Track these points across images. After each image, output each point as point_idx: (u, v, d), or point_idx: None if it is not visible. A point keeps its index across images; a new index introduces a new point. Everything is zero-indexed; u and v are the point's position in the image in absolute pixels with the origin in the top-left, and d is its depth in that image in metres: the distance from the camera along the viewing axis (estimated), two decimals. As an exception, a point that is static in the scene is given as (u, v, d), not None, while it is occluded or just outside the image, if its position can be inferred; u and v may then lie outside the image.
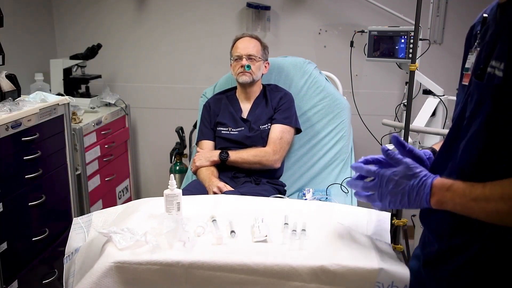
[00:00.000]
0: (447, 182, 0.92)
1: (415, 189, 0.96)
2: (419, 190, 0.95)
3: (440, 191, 0.92)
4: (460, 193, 0.88)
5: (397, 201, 1.00)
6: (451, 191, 0.90)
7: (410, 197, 0.97)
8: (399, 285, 1.06)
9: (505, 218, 0.83)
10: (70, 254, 1.30)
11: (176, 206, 1.33)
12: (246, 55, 2.15)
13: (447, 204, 0.91)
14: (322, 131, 2.35)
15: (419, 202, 0.96)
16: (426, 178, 0.96)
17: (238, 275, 1.10)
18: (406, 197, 0.97)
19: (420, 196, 0.95)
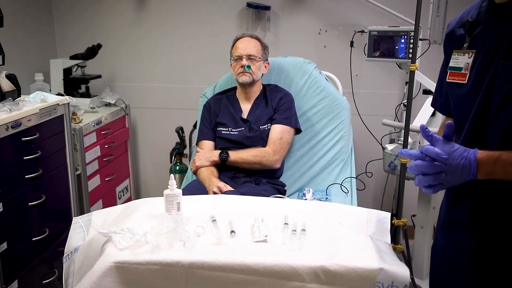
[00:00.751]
0: (492, 154, 0.98)
1: (459, 167, 0.99)
2: (464, 165, 0.98)
3: (487, 163, 0.97)
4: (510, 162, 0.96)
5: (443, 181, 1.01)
6: (500, 161, 0.96)
7: (454, 176, 1.00)
8: (399, 285, 1.06)
9: None
10: (70, 253, 1.30)
11: (176, 206, 1.33)
12: (246, 55, 2.15)
13: (497, 174, 0.98)
14: (322, 131, 2.35)
15: (465, 176, 0.99)
16: (468, 154, 0.99)
17: (238, 275, 1.10)
18: (450, 175, 1.00)
19: (466, 171, 0.98)
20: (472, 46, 1.11)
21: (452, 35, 1.19)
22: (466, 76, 1.10)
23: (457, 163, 0.99)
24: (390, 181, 2.95)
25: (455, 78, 1.13)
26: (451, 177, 1.00)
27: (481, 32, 1.09)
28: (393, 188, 2.93)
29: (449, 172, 1.00)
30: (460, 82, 1.12)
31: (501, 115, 1.02)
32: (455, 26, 1.19)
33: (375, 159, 2.57)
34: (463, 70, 1.11)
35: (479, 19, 1.11)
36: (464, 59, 1.11)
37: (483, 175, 0.98)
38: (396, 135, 2.70)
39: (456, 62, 1.13)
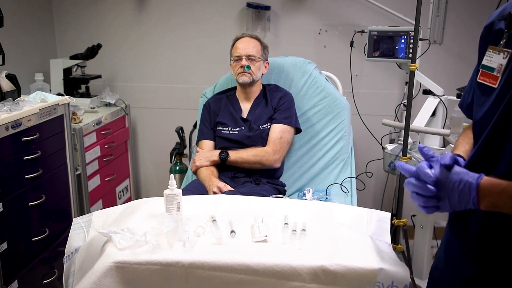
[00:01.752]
0: (498, 183, 0.85)
1: (456, 191, 0.88)
2: (461, 192, 0.88)
3: (491, 193, 0.85)
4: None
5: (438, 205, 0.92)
6: (506, 193, 0.84)
7: (451, 200, 0.89)
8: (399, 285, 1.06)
9: None
10: (70, 254, 1.30)
11: (176, 206, 1.33)
12: (246, 55, 2.15)
13: (502, 208, 0.85)
14: (322, 131, 2.35)
15: (464, 205, 0.88)
16: (468, 178, 0.88)
17: (238, 275, 1.10)
18: (447, 199, 0.90)
19: (464, 199, 0.88)
20: (509, 45, 0.96)
21: (491, 28, 1.03)
22: (497, 79, 0.96)
23: (454, 187, 0.88)
24: (390, 181, 2.96)
25: (485, 79, 0.99)
26: (448, 202, 0.90)
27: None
28: (393, 188, 2.94)
29: (444, 197, 0.90)
30: (490, 86, 0.98)
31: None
32: (495, 17, 1.03)
33: (375, 159, 2.57)
34: (495, 71, 0.97)
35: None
36: (498, 58, 0.97)
37: (486, 205, 0.86)
38: (396, 135, 2.71)
39: (489, 61, 0.99)
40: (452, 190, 0.89)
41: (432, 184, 0.91)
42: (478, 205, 0.87)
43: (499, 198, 0.85)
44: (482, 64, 1.01)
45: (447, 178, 0.89)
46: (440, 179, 0.91)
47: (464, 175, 0.89)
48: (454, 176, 0.89)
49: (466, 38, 2.79)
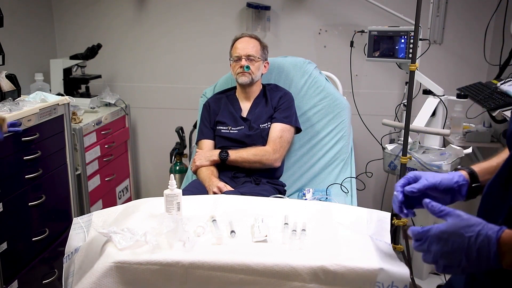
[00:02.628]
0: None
1: (474, 247, 0.77)
2: (480, 247, 0.77)
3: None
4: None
5: (454, 264, 0.80)
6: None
7: (470, 257, 0.78)
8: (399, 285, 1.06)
9: None
10: (70, 254, 1.30)
11: (176, 206, 1.33)
12: (245, 55, 2.15)
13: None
14: (322, 131, 2.35)
15: (484, 263, 0.77)
16: (487, 230, 0.77)
17: (238, 275, 1.10)
18: (464, 257, 0.78)
19: (484, 256, 0.76)
20: None
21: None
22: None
23: (471, 242, 0.77)
24: (390, 181, 2.95)
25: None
26: (464, 256, 0.78)
27: None
28: (393, 188, 2.93)
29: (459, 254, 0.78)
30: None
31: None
32: None
33: (375, 159, 2.57)
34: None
35: None
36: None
37: (509, 264, 0.75)
38: (396, 135, 2.71)
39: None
40: (468, 247, 0.77)
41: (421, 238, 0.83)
42: (499, 263, 0.76)
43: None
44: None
45: (460, 233, 0.79)
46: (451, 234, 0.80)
47: (482, 228, 0.78)
48: (471, 228, 0.78)
49: (466, 38, 2.79)
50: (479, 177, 1.05)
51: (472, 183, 1.03)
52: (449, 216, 0.82)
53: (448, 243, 0.80)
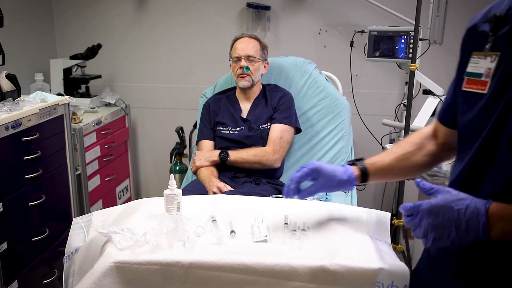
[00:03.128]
0: (509, 208, 0.79)
1: (463, 218, 0.81)
2: (470, 219, 0.81)
3: (503, 219, 0.79)
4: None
5: (443, 237, 0.84)
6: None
7: (459, 228, 0.82)
8: (399, 285, 1.06)
9: None
10: (70, 254, 1.30)
11: (176, 206, 1.33)
12: (245, 56, 2.14)
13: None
14: (322, 131, 2.34)
15: (473, 234, 0.81)
16: (476, 203, 0.82)
17: (238, 275, 1.10)
18: (454, 228, 0.82)
19: (473, 226, 0.81)
20: (496, 48, 0.89)
21: (474, 31, 0.96)
22: (486, 84, 0.88)
23: (461, 215, 0.81)
24: (390, 181, 2.96)
25: (473, 86, 0.92)
26: (454, 228, 0.82)
27: (509, 32, 0.87)
28: (393, 188, 2.93)
29: (449, 225, 0.83)
30: (479, 92, 0.90)
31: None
32: (479, 20, 0.96)
33: (375, 159, 2.56)
34: (483, 77, 0.89)
35: (509, 15, 0.88)
36: (485, 63, 0.89)
37: (498, 234, 0.79)
38: (396, 135, 2.71)
39: (475, 67, 0.92)
40: (458, 218, 0.82)
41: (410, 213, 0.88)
42: (488, 234, 0.80)
43: (510, 224, 0.79)
44: (467, 72, 0.94)
45: (450, 206, 0.83)
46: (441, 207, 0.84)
47: (470, 202, 0.82)
48: (460, 202, 0.83)
49: (466, 38, 2.79)
50: (370, 176, 1.19)
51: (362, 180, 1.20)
52: (439, 192, 0.87)
53: (438, 216, 0.84)
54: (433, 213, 0.85)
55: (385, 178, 1.29)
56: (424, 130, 1.19)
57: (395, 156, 1.18)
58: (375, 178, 1.21)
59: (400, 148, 1.19)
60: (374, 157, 1.22)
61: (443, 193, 0.86)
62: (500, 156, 0.84)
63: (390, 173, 1.21)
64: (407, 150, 1.16)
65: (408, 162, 1.17)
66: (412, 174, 1.24)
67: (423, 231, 0.87)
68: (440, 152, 1.15)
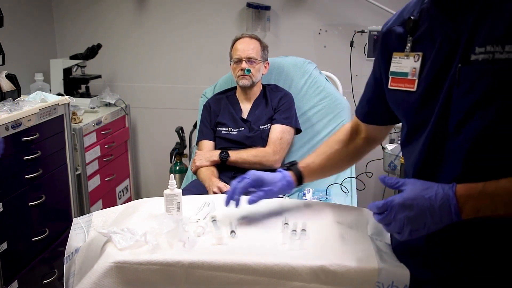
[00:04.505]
0: (475, 186, 0.83)
1: (435, 205, 0.85)
2: (442, 204, 0.84)
3: (470, 198, 0.83)
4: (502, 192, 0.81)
5: (420, 227, 0.87)
6: (486, 194, 0.82)
7: (434, 215, 0.85)
8: (399, 285, 1.06)
9: None
10: (70, 254, 1.30)
11: (176, 206, 1.33)
12: (245, 57, 2.14)
13: (485, 210, 0.83)
14: (322, 131, 2.34)
15: (446, 218, 0.85)
16: (443, 188, 0.86)
17: (238, 275, 1.10)
18: (429, 216, 0.86)
19: (445, 210, 0.84)
20: (417, 48, 0.97)
21: (390, 34, 1.04)
22: (414, 82, 0.96)
23: (432, 202, 0.85)
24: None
25: (400, 85, 0.99)
26: (431, 220, 0.85)
27: (427, 32, 0.95)
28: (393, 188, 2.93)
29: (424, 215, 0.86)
30: (408, 90, 0.97)
31: (463, 130, 0.87)
32: (393, 24, 1.04)
33: (375, 159, 2.57)
34: (409, 75, 0.97)
35: (422, 16, 0.96)
36: (408, 63, 0.97)
37: (468, 213, 0.84)
38: (396, 135, 2.71)
39: (398, 67, 0.99)
40: (431, 206, 0.85)
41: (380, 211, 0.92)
42: (460, 214, 0.84)
43: (480, 200, 0.83)
44: (391, 71, 1.01)
45: (422, 192, 0.86)
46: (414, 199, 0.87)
47: (437, 188, 0.86)
48: (429, 191, 0.86)
49: (466, 38, 2.79)
50: (305, 179, 1.32)
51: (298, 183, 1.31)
52: (406, 184, 0.91)
53: (413, 208, 0.86)
54: (407, 206, 0.87)
55: (319, 177, 1.40)
56: (347, 126, 1.31)
57: (325, 156, 1.30)
58: (310, 179, 1.34)
59: (328, 147, 1.31)
60: (306, 159, 1.34)
61: (410, 185, 0.90)
62: (451, 142, 0.89)
63: (323, 172, 1.35)
64: (335, 148, 1.29)
65: (337, 159, 1.30)
66: (343, 169, 1.41)
67: (398, 226, 0.89)
68: (364, 145, 1.28)
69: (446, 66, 0.90)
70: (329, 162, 1.30)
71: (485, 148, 0.85)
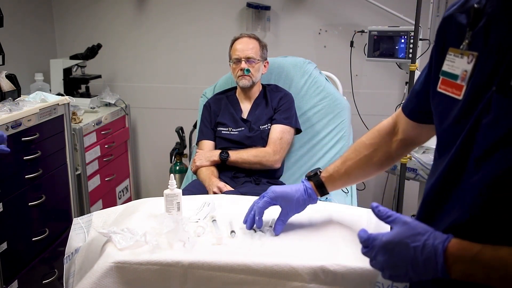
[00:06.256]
0: (470, 248, 0.71)
1: (420, 258, 0.74)
2: (427, 258, 0.74)
3: (462, 260, 0.71)
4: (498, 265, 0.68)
5: (400, 274, 0.79)
6: (480, 262, 0.70)
7: (416, 268, 0.75)
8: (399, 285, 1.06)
9: None
10: (70, 254, 1.30)
11: (176, 206, 1.33)
12: (245, 57, 2.14)
13: (475, 277, 0.71)
14: (322, 131, 2.34)
15: (431, 273, 0.74)
16: (434, 240, 0.74)
17: (238, 275, 1.10)
18: (410, 267, 0.76)
19: (431, 267, 0.74)
20: (473, 46, 0.78)
21: (451, 20, 0.84)
22: (462, 89, 0.78)
23: (417, 253, 0.74)
24: (390, 181, 2.96)
25: (448, 89, 0.82)
26: (410, 266, 0.75)
27: (484, 28, 0.76)
28: (393, 188, 2.93)
29: (405, 265, 0.76)
30: (454, 97, 0.80)
31: (483, 167, 0.72)
32: (456, 9, 0.83)
33: (375, 159, 2.56)
34: (459, 79, 0.79)
35: (486, 8, 0.76)
36: (462, 63, 0.79)
37: (457, 276, 0.72)
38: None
39: (451, 66, 0.81)
40: (414, 258, 0.75)
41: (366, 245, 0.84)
42: (447, 274, 0.73)
43: (471, 266, 0.71)
44: (442, 71, 0.83)
45: (405, 243, 0.76)
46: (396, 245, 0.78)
47: (428, 238, 0.74)
48: (418, 238, 0.75)
49: (466, 38, 2.79)
50: (327, 189, 1.21)
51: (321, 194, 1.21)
52: (395, 223, 0.81)
53: (393, 255, 0.78)
54: (388, 250, 0.79)
55: (345, 185, 1.28)
56: (382, 125, 1.14)
57: (351, 163, 1.16)
58: (334, 188, 1.22)
59: (355, 153, 1.16)
60: (330, 166, 1.21)
61: (399, 226, 0.79)
62: (468, 176, 0.75)
63: (348, 180, 1.21)
64: (363, 154, 1.14)
65: (365, 166, 1.15)
66: (371, 175, 1.21)
67: (379, 267, 0.83)
68: (398, 149, 1.11)
69: (489, 81, 0.72)
70: (356, 169, 1.16)
71: (500, 196, 0.70)
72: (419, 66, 2.22)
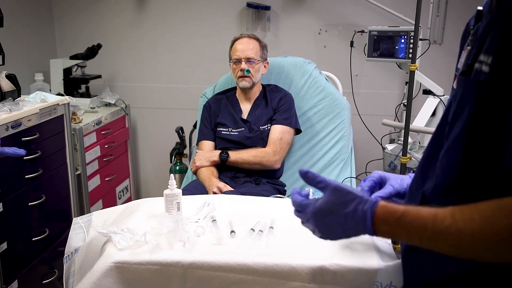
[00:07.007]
0: (394, 211, 0.76)
1: (350, 223, 0.81)
2: (357, 223, 0.80)
3: (386, 222, 0.77)
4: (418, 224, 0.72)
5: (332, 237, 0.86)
6: (402, 223, 0.75)
7: (347, 230, 0.82)
8: (397, 285, 1.06)
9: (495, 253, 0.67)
10: (70, 254, 1.31)
11: (176, 206, 1.33)
12: (245, 58, 2.14)
13: (400, 237, 0.77)
14: (322, 131, 2.34)
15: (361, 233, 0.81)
16: (363, 206, 0.80)
17: (238, 275, 1.10)
18: (341, 232, 0.83)
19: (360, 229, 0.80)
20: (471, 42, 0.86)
21: (467, 27, 0.91)
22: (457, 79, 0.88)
23: (348, 216, 0.80)
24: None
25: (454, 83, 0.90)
26: (341, 230, 0.82)
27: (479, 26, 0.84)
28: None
29: (336, 229, 0.83)
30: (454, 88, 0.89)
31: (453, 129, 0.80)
32: (472, 16, 0.90)
33: (375, 159, 2.57)
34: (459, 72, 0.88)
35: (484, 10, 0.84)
36: (463, 58, 0.87)
37: (383, 235, 0.79)
38: (396, 135, 2.71)
39: (460, 62, 0.88)
40: (345, 223, 0.81)
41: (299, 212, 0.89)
42: (375, 234, 0.79)
43: (395, 228, 0.76)
44: (457, 67, 0.90)
45: (342, 204, 0.81)
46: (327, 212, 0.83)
47: (358, 203, 0.80)
48: (349, 204, 0.81)
49: (466, 38, 2.79)
50: None
51: None
52: (327, 189, 0.85)
53: (324, 221, 0.84)
54: (319, 216, 0.84)
55: None
56: None
57: None
58: None
59: None
60: None
61: (331, 193, 0.84)
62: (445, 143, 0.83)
63: None
64: None
65: None
66: None
67: (311, 228, 0.89)
68: None
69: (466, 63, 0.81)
70: None
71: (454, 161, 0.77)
72: (419, 66, 2.22)
